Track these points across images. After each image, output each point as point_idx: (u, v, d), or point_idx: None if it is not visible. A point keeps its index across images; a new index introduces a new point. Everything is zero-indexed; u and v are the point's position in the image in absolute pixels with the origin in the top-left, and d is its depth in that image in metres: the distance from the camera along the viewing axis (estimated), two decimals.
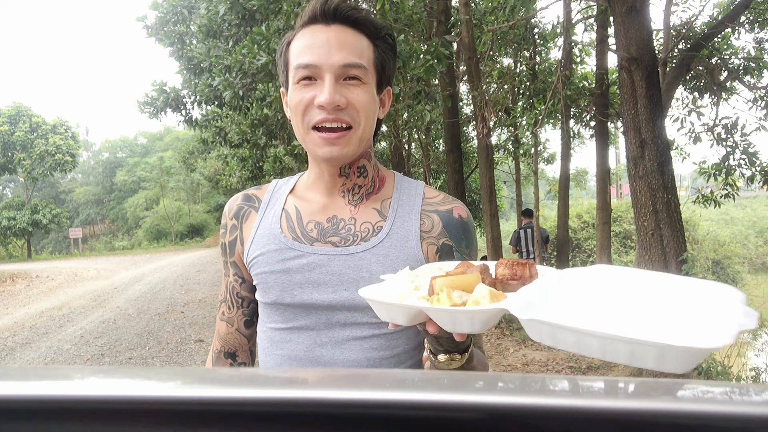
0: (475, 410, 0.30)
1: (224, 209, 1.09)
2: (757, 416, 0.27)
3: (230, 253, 1.05)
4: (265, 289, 0.99)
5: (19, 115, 28.59)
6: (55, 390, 0.34)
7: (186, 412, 0.32)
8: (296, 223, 1.01)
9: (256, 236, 1.01)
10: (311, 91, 0.92)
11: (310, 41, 0.93)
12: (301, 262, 0.96)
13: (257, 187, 1.10)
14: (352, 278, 0.95)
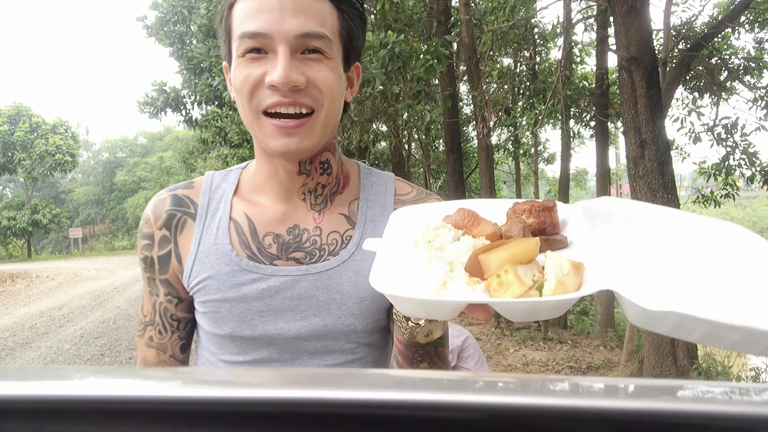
0: (475, 410, 0.30)
1: (145, 214, 0.87)
2: (757, 416, 0.27)
3: (161, 269, 0.86)
4: (216, 320, 0.82)
5: (19, 115, 28.60)
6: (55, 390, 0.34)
7: (186, 412, 0.32)
8: (250, 237, 0.83)
9: (199, 254, 0.83)
10: (260, 67, 0.74)
11: (257, 3, 0.74)
12: (261, 286, 0.81)
13: (186, 185, 0.89)
14: (321, 302, 0.81)
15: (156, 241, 0.86)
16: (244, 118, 0.78)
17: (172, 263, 0.86)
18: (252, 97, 0.75)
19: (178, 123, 11.56)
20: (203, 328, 0.87)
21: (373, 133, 9.49)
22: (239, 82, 0.75)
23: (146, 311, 0.89)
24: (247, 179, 0.88)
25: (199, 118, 11.26)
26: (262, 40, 0.74)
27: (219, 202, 0.86)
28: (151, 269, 0.87)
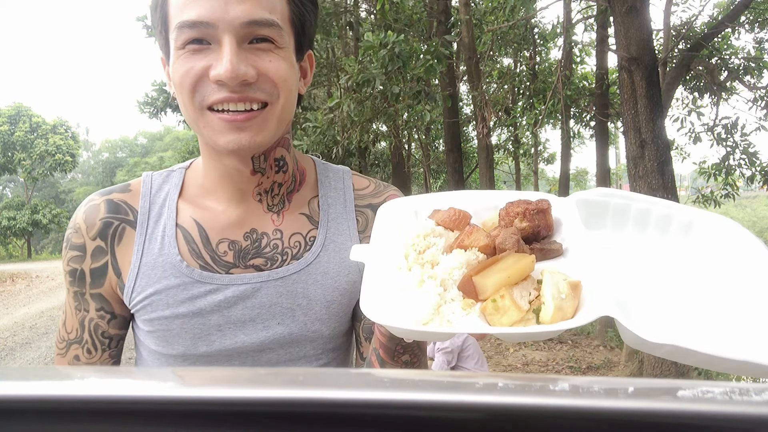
0: (475, 410, 0.30)
1: (75, 222, 0.76)
2: (757, 416, 0.27)
3: (93, 283, 0.76)
4: (167, 339, 0.75)
5: (19, 115, 28.61)
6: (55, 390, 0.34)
7: (186, 412, 0.32)
8: (201, 246, 0.75)
9: (143, 267, 0.74)
10: (203, 60, 0.66)
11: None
12: (217, 298, 0.74)
13: (122, 188, 0.79)
14: (286, 308, 0.76)
15: (88, 252, 0.75)
16: (187, 116, 0.70)
17: (108, 277, 0.76)
18: (194, 92, 0.67)
19: (178, 123, 11.57)
20: (147, 348, 0.79)
21: (373, 133, 9.49)
22: (179, 76, 0.67)
23: (70, 327, 0.80)
24: (194, 181, 0.79)
25: None
26: (203, 29, 0.65)
27: (162, 207, 0.77)
28: (80, 283, 0.76)
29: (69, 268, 0.78)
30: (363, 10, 8.93)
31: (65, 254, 0.78)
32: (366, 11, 9.02)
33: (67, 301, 0.80)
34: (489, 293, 0.51)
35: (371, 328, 0.83)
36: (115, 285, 0.77)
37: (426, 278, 0.55)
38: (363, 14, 8.86)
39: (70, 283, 0.78)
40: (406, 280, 0.55)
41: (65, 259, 0.78)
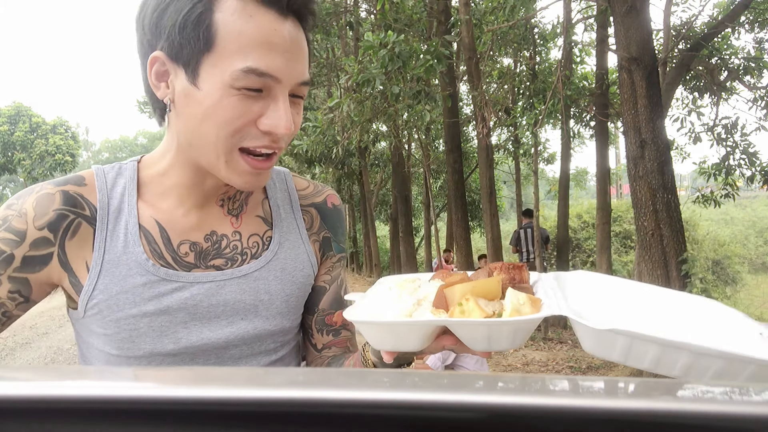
0: (475, 410, 0.30)
1: (21, 207, 0.73)
2: (757, 416, 0.27)
3: (21, 268, 0.72)
4: (132, 339, 0.74)
5: (19, 115, 28.62)
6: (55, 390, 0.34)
7: (186, 412, 0.32)
8: (163, 246, 0.76)
9: (106, 264, 0.73)
10: (255, 105, 0.67)
11: (272, 36, 0.66)
12: (183, 295, 0.75)
13: (77, 180, 0.76)
14: (249, 304, 0.79)
15: (28, 240, 0.71)
16: (208, 145, 0.69)
17: (49, 268, 0.73)
18: (236, 133, 0.68)
19: None
20: (105, 353, 0.76)
21: (373, 133, 9.49)
22: (228, 115, 0.67)
23: None
24: (151, 181, 0.78)
25: None
26: (268, 81, 0.66)
27: (121, 204, 0.76)
28: (1, 265, 0.71)
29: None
30: (363, 10, 8.93)
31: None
32: (366, 11, 9.03)
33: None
34: (456, 300, 0.56)
35: (324, 320, 0.91)
36: (60, 279, 0.74)
37: (404, 294, 0.61)
38: (363, 14, 8.86)
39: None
40: (386, 298, 0.62)
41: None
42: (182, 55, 0.67)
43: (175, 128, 0.73)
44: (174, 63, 0.68)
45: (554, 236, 10.01)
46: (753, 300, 14.14)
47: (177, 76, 0.68)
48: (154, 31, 0.67)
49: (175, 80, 0.69)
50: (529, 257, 8.77)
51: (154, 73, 0.69)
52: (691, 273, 4.42)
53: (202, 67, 0.66)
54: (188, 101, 0.68)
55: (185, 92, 0.68)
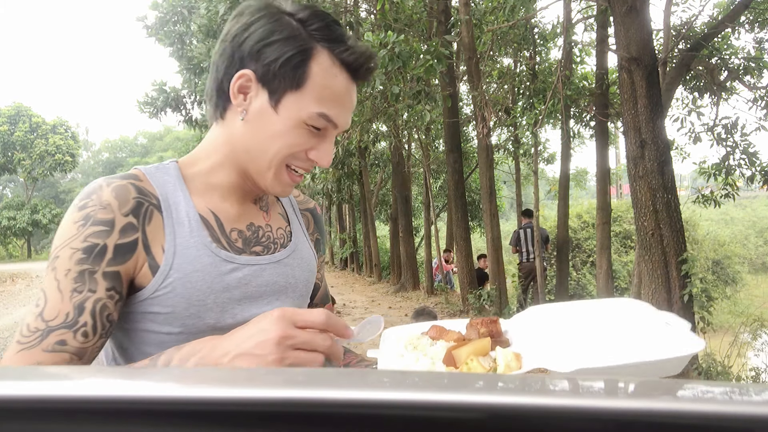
0: (475, 410, 0.30)
1: (101, 198, 0.78)
2: (757, 416, 0.27)
3: (113, 260, 0.77)
4: (199, 314, 0.81)
5: (19, 115, 28.63)
6: (55, 390, 0.34)
7: (186, 412, 0.32)
8: (219, 232, 0.87)
9: (179, 246, 0.81)
10: (312, 140, 0.84)
11: (343, 94, 0.83)
12: (238, 275, 0.85)
13: (134, 176, 0.84)
14: (281, 287, 0.92)
15: (117, 227, 0.77)
16: (264, 157, 0.84)
17: (136, 254, 0.79)
18: (290, 156, 0.84)
19: (178, 123, 11.57)
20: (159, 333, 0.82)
21: (373, 133, 9.49)
22: (292, 141, 0.83)
23: (54, 313, 0.74)
24: (195, 178, 0.88)
25: (199, 118, 11.26)
26: (328, 125, 0.83)
27: (175, 196, 0.85)
28: (96, 259, 0.75)
29: (85, 245, 0.75)
30: (363, 10, 8.93)
31: (82, 231, 0.76)
32: (366, 11, 9.03)
33: (51, 288, 0.75)
34: (463, 360, 0.76)
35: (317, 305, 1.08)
36: (143, 263, 0.80)
37: (421, 357, 0.80)
38: (363, 14, 8.86)
39: (78, 261, 0.75)
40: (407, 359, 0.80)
41: (80, 235, 0.76)
42: (272, 83, 0.81)
43: (235, 133, 0.85)
44: (260, 85, 0.82)
45: (554, 236, 10.01)
46: (753, 300, 14.14)
47: (258, 95, 0.82)
48: (253, 54, 0.81)
49: (255, 98, 0.83)
50: (529, 257, 8.77)
51: (239, 85, 0.82)
52: (691, 273, 4.42)
53: (285, 98, 0.81)
54: (262, 118, 0.83)
55: (261, 111, 0.82)
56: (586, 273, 13.53)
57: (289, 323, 0.66)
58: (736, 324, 8.48)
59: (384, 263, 15.98)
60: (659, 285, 4.51)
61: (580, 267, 13.68)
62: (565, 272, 9.04)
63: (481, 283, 8.89)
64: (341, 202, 17.08)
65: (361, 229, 16.26)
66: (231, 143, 0.86)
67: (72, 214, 0.78)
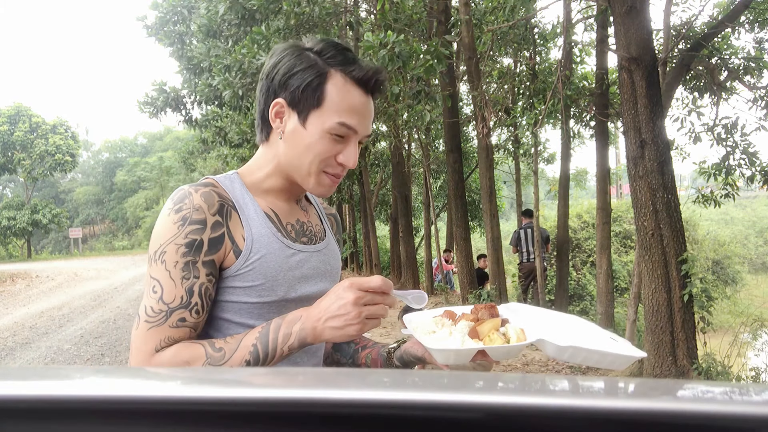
0: (475, 410, 0.30)
1: (194, 203, 0.98)
2: (757, 416, 0.27)
3: (209, 251, 0.98)
4: (271, 287, 1.02)
5: (19, 115, 28.60)
6: (55, 390, 0.34)
7: (186, 412, 0.32)
8: (279, 225, 1.08)
9: (255, 235, 1.02)
10: (338, 147, 1.01)
11: (358, 105, 1.01)
12: (297, 259, 1.06)
13: (210, 184, 1.04)
14: (322, 271, 1.11)
15: (209, 225, 0.98)
16: (303, 167, 1.02)
17: (225, 244, 0.99)
18: (322, 162, 1.02)
19: (178, 123, 11.56)
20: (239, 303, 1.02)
21: (373, 133, 9.48)
22: (320, 150, 1.01)
23: (172, 297, 0.95)
24: (253, 185, 1.09)
25: (199, 118, 11.26)
26: (349, 132, 1.01)
27: (243, 198, 1.05)
28: (196, 252, 0.96)
29: (187, 240, 0.96)
30: (363, 10, 8.93)
31: (182, 230, 0.96)
32: (366, 11, 9.03)
33: (164, 277, 0.96)
34: (485, 334, 0.99)
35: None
36: (229, 250, 1.00)
37: (454, 331, 1.02)
38: (363, 14, 8.86)
39: (182, 255, 0.96)
40: (440, 334, 1.02)
41: (182, 233, 0.96)
42: (299, 105, 1.01)
43: (279, 150, 1.05)
44: (290, 108, 1.02)
45: (554, 236, 10.01)
46: (753, 300, 14.14)
47: (290, 118, 1.02)
48: (282, 85, 1.01)
49: (288, 120, 1.03)
50: (530, 257, 8.76)
51: (275, 112, 1.03)
52: (691, 273, 4.42)
53: (310, 116, 1.00)
54: (295, 136, 1.02)
55: (294, 130, 1.02)
56: (586, 273, 13.52)
57: (357, 288, 0.91)
58: (736, 324, 8.48)
59: (384, 263, 15.97)
60: (659, 285, 4.51)
61: (580, 267, 13.67)
62: (565, 272, 9.04)
63: (481, 283, 8.89)
64: (341, 202, 17.06)
65: (361, 229, 16.25)
66: (277, 158, 1.05)
67: (170, 215, 0.97)
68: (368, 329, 0.93)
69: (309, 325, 0.93)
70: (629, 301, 6.89)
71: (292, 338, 0.94)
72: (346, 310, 0.90)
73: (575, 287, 12.99)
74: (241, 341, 0.95)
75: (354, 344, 1.25)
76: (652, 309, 4.58)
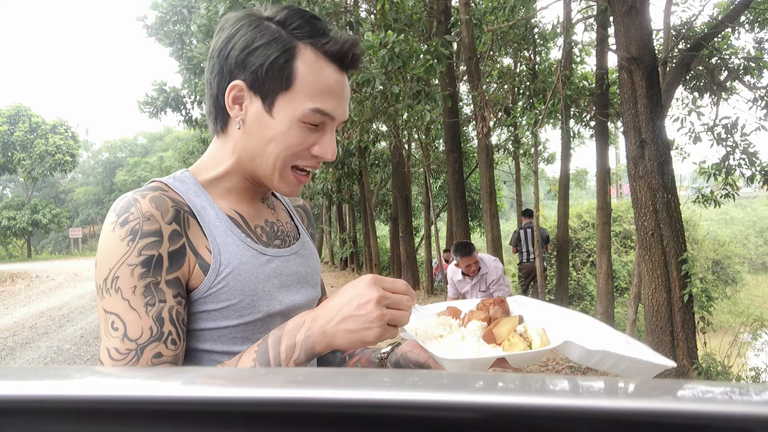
0: (475, 410, 0.30)
1: (143, 211, 0.79)
2: (757, 416, 0.27)
3: (170, 267, 0.79)
4: (252, 304, 0.85)
5: (19, 115, 28.59)
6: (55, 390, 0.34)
7: (186, 412, 0.32)
8: (247, 228, 0.91)
9: (221, 245, 0.85)
10: (312, 137, 0.85)
11: (334, 86, 0.84)
12: (273, 266, 0.90)
13: (159, 188, 0.86)
14: (303, 275, 0.97)
15: (165, 236, 0.79)
16: (268, 161, 0.86)
17: (187, 257, 0.82)
18: (293, 155, 0.86)
19: (178, 123, 11.57)
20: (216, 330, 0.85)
21: (373, 133, 9.49)
22: (292, 141, 0.85)
23: (138, 331, 0.76)
24: (210, 184, 0.91)
25: (199, 118, 11.26)
26: (327, 119, 0.85)
27: (200, 201, 0.88)
28: (155, 271, 0.78)
29: (142, 258, 0.77)
30: (363, 10, 8.93)
31: (133, 246, 0.77)
32: (366, 11, 9.03)
33: (122, 309, 0.77)
34: (504, 337, 0.85)
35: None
36: (194, 265, 0.83)
37: (466, 335, 0.88)
38: (363, 14, 8.86)
39: (141, 276, 0.77)
40: (450, 339, 0.88)
41: (134, 250, 0.77)
42: (262, 88, 0.83)
43: (238, 142, 0.87)
44: (252, 92, 0.84)
45: (554, 236, 10.01)
46: (753, 300, 14.13)
47: (252, 103, 0.84)
48: (239, 65, 0.83)
49: (250, 106, 0.85)
50: (530, 257, 8.76)
51: (232, 97, 0.84)
52: (691, 273, 4.42)
53: (277, 101, 0.83)
54: (259, 125, 0.85)
55: (258, 117, 0.85)
56: (586, 273, 13.52)
57: (381, 286, 0.76)
58: (736, 324, 8.48)
59: (384, 263, 15.97)
60: (659, 285, 4.51)
61: (580, 267, 13.67)
62: (565, 272, 9.04)
63: None
64: (341, 202, 17.06)
65: (361, 229, 16.24)
66: (236, 152, 0.88)
67: (115, 231, 0.78)
68: (386, 338, 0.77)
69: (317, 330, 0.76)
70: (629, 301, 6.88)
71: (297, 350, 0.76)
72: (366, 310, 0.74)
73: (575, 287, 12.99)
74: (236, 365, 0.79)
75: (339, 353, 1.07)
76: (652, 309, 4.58)
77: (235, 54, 0.83)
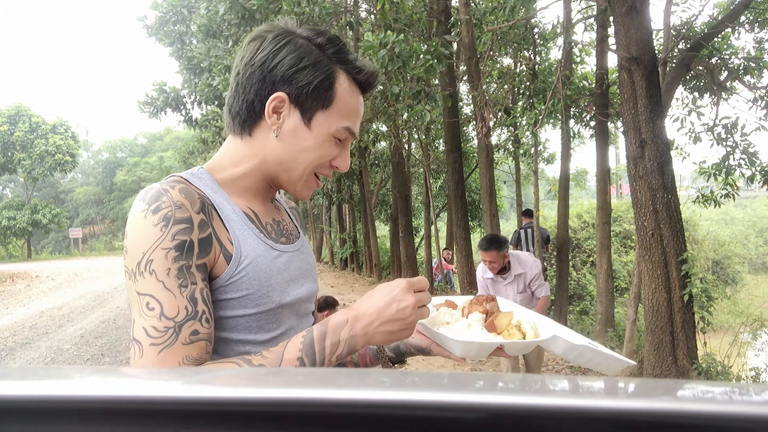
0: (475, 410, 0.30)
1: (174, 199, 0.84)
2: (757, 416, 0.27)
3: (200, 253, 0.84)
4: (267, 294, 0.92)
5: (19, 115, 28.59)
6: (55, 390, 0.34)
7: (186, 412, 0.32)
8: (259, 225, 0.98)
9: (240, 237, 0.91)
10: (335, 150, 0.98)
11: (358, 107, 0.98)
12: (283, 260, 0.98)
13: (182, 181, 0.91)
14: (304, 270, 1.04)
15: (195, 224, 0.85)
16: (297, 167, 0.96)
17: (213, 246, 0.87)
18: (319, 165, 0.97)
19: (178, 123, 11.57)
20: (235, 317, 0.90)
21: (373, 133, 9.49)
22: (321, 153, 0.96)
23: (175, 310, 0.80)
24: (225, 183, 0.98)
25: (199, 118, 11.27)
26: (348, 136, 0.98)
27: (217, 197, 0.94)
28: (188, 255, 0.83)
29: (176, 242, 0.82)
30: (363, 10, 8.93)
31: (167, 231, 0.82)
32: (366, 11, 9.02)
33: (157, 290, 0.81)
34: (504, 327, 0.98)
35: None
36: (219, 255, 0.88)
37: (471, 323, 1.00)
38: (363, 14, 8.86)
39: (174, 259, 0.82)
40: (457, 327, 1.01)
41: (168, 235, 0.82)
42: (305, 104, 0.94)
43: (267, 147, 0.96)
44: (293, 105, 0.94)
45: (554, 236, 10.00)
46: (753, 300, 14.13)
47: (290, 115, 0.94)
48: (285, 79, 0.92)
49: (288, 117, 0.94)
50: None
51: (273, 106, 0.93)
52: (691, 273, 4.42)
53: (316, 116, 0.94)
54: (295, 135, 0.95)
55: (295, 128, 0.95)
56: (586, 273, 13.52)
57: (413, 291, 0.86)
58: (736, 324, 8.47)
59: (384, 263, 15.96)
60: (659, 285, 4.51)
61: (580, 267, 13.67)
62: (565, 272, 9.04)
63: None
64: (341, 202, 17.06)
65: (361, 229, 16.24)
66: (261, 155, 0.96)
67: (147, 218, 0.82)
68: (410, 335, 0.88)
69: (359, 329, 0.85)
70: (629, 301, 6.89)
71: (341, 347, 0.84)
72: (404, 315, 0.84)
73: (575, 287, 12.99)
74: (282, 356, 0.83)
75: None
76: (652, 309, 4.58)
77: (283, 69, 0.92)
